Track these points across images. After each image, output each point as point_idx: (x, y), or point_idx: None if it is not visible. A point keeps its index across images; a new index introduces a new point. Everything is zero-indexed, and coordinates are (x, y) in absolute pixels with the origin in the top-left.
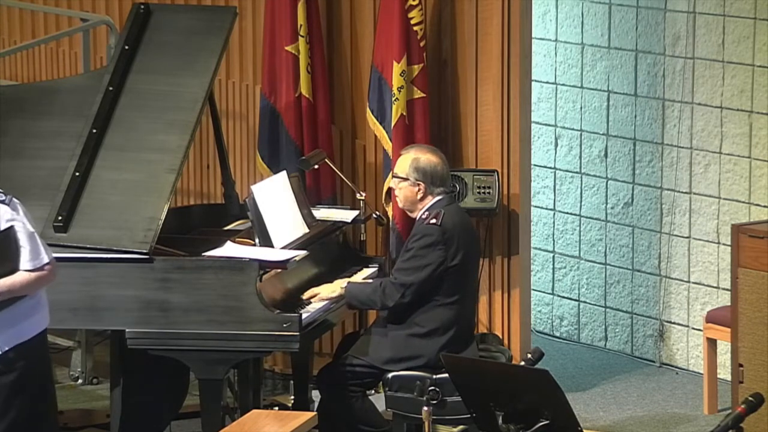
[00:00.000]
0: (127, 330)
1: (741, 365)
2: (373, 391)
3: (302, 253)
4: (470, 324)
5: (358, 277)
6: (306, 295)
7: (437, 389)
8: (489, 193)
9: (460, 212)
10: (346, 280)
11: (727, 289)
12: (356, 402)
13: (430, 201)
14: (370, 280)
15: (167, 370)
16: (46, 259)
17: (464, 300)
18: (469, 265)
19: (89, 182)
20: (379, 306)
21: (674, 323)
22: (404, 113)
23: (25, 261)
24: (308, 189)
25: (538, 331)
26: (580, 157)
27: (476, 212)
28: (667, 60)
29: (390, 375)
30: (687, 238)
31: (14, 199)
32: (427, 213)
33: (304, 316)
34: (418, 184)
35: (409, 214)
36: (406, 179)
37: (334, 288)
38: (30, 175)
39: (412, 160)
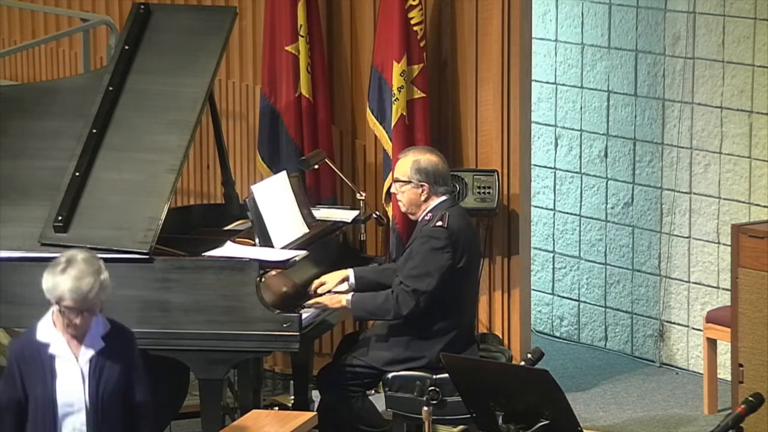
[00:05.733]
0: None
1: (741, 365)
2: (373, 391)
3: (302, 253)
4: (471, 326)
5: None
6: (315, 284)
7: (437, 389)
8: (489, 193)
9: (464, 214)
10: (346, 273)
11: (727, 289)
12: (356, 402)
13: (433, 202)
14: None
15: (167, 370)
16: None
17: (466, 302)
18: (472, 267)
19: (89, 182)
20: (392, 315)
21: (674, 323)
22: (404, 113)
23: None
24: (308, 189)
25: (538, 331)
26: (580, 157)
27: (476, 212)
28: (667, 60)
29: (390, 375)
30: (687, 238)
31: None
32: (430, 215)
33: (304, 316)
34: (422, 185)
35: (411, 217)
36: (408, 182)
37: (339, 299)
38: (30, 175)
39: (412, 162)
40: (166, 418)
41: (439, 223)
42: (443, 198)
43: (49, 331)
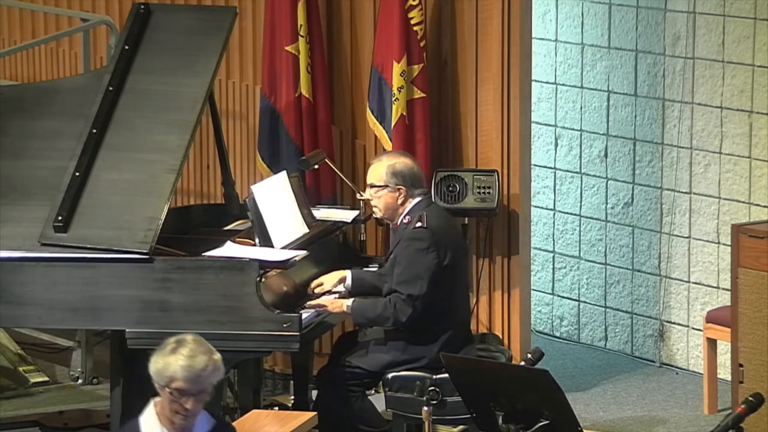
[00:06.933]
0: (127, 330)
1: (741, 365)
2: (373, 391)
3: (302, 253)
4: (466, 321)
5: None
6: (313, 285)
7: (437, 389)
8: (489, 193)
9: (442, 212)
10: (345, 273)
11: (727, 289)
12: (356, 402)
13: (410, 204)
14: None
15: None
16: None
17: (458, 298)
18: (458, 264)
19: (89, 182)
20: (391, 322)
21: (674, 323)
22: (404, 113)
23: None
24: (308, 189)
25: (538, 331)
26: (580, 157)
27: (476, 212)
28: (667, 60)
29: (390, 375)
30: (687, 238)
31: None
32: (408, 217)
33: (304, 316)
34: (399, 189)
35: (389, 222)
36: (385, 186)
37: (341, 303)
38: (30, 175)
39: (387, 166)
40: None
41: (419, 224)
42: (418, 199)
43: (154, 426)
